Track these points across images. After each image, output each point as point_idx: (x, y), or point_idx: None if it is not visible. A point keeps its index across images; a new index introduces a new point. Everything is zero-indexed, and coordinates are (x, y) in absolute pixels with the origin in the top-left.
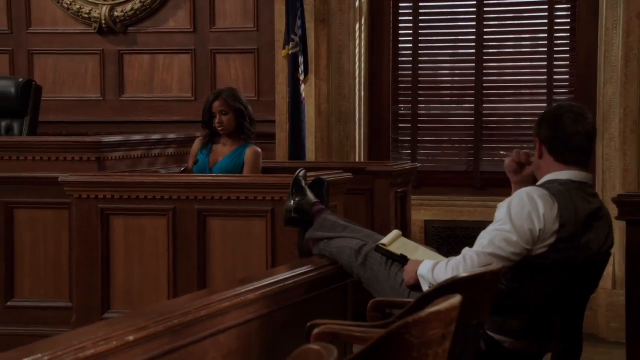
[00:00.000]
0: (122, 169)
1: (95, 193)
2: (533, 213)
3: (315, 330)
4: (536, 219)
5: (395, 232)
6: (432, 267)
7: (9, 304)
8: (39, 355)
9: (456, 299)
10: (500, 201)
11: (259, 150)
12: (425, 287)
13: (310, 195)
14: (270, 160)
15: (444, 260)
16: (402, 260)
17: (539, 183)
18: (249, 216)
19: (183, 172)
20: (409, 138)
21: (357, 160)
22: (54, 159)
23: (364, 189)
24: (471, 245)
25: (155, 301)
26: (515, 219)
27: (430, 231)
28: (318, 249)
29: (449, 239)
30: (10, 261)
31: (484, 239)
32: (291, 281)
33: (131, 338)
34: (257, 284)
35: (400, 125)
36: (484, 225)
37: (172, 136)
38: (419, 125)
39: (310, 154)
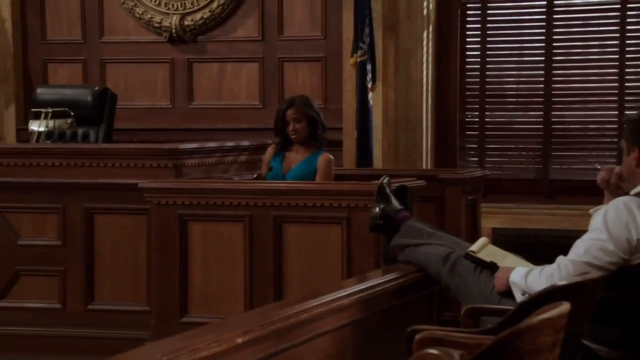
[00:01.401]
0: (197, 176)
1: (174, 199)
2: (630, 222)
3: (418, 336)
4: (633, 228)
5: (483, 239)
6: (524, 275)
7: (89, 307)
8: (158, 356)
9: (565, 306)
10: (570, 209)
11: (332, 157)
12: (517, 295)
13: (395, 202)
14: (337, 167)
15: (536, 268)
16: (492, 267)
17: (633, 192)
18: (324, 223)
19: (256, 179)
20: (476, 145)
21: (424, 167)
22: (132, 166)
23: (434, 197)
24: (543, 254)
25: (231, 306)
26: (612, 228)
27: (498, 239)
28: (404, 256)
29: (517, 247)
30: (90, 265)
31: (579, 248)
32: (382, 287)
33: (239, 340)
34: (350, 290)
35: (467, 132)
36: (552, 233)
37: (244, 143)
38: (486, 132)
39: (377, 161)
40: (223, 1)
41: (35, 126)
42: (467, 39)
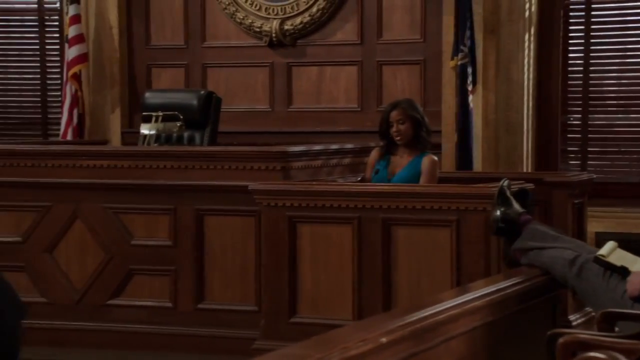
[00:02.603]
0: (303, 178)
1: (283, 201)
2: None
3: (561, 339)
4: None
5: (611, 243)
6: None
7: (199, 306)
8: (319, 354)
9: None
10: None
11: (436, 159)
12: None
13: (516, 205)
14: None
15: None
16: (623, 271)
17: None
18: (433, 225)
19: (360, 181)
20: (578, 148)
21: (525, 170)
22: (241, 168)
23: (539, 200)
24: None
25: (340, 308)
26: None
27: (602, 244)
28: (527, 259)
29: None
30: (201, 265)
31: None
32: (511, 290)
33: (384, 340)
34: (482, 292)
35: (569, 135)
36: None
37: (348, 146)
38: (588, 135)
39: (477, 164)
40: (323, 5)
41: (146, 129)
42: (570, 40)
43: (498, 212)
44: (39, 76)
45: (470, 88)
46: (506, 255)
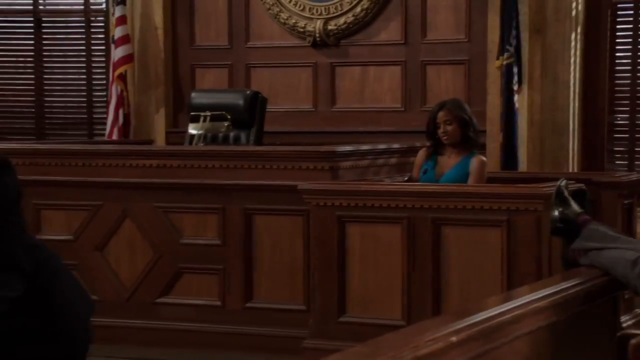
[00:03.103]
0: (351, 178)
1: (332, 201)
2: None
3: (633, 341)
4: None
5: None
6: None
7: (247, 305)
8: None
9: None
10: None
11: (485, 159)
12: None
13: (575, 206)
14: None
15: None
16: None
17: None
18: (484, 226)
19: (407, 181)
20: (625, 148)
21: (570, 171)
22: (290, 168)
23: None
24: None
25: (389, 308)
26: None
27: None
28: (587, 260)
29: None
30: (249, 264)
31: None
32: (574, 290)
33: (454, 339)
34: (544, 292)
35: (616, 135)
36: None
37: (395, 146)
38: (636, 135)
39: (522, 164)
40: (367, 5)
41: (194, 129)
42: (617, 39)
43: (556, 212)
44: (84, 76)
45: (515, 88)
46: (564, 256)
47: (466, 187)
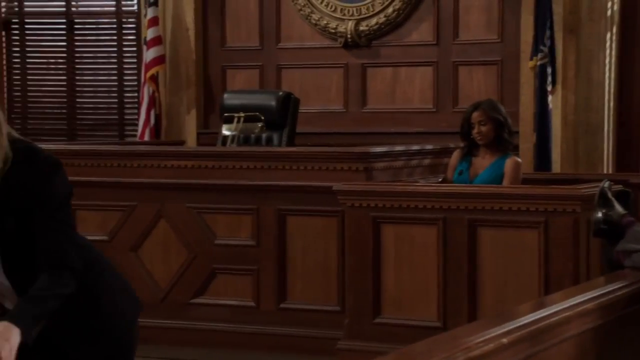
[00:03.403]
0: (385, 179)
1: (367, 202)
2: None
3: None
4: None
5: None
6: None
7: (281, 305)
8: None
9: None
10: None
11: (519, 160)
12: None
13: (618, 207)
14: None
15: None
16: None
17: None
18: (520, 227)
19: (441, 182)
20: None
21: (605, 171)
22: (324, 169)
23: None
24: None
25: (425, 309)
26: None
27: None
28: (631, 262)
29: None
30: (283, 265)
31: None
32: (620, 292)
33: (505, 341)
34: (592, 294)
35: None
36: None
37: (429, 147)
38: None
39: (555, 165)
40: (398, 6)
41: (227, 130)
42: None
43: (600, 214)
44: (115, 78)
45: (549, 88)
46: (608, 258)
47: (503, 188)
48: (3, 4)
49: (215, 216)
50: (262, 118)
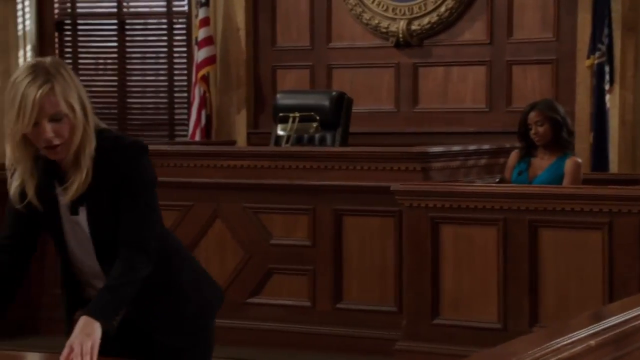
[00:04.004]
0: (441, 179)
1: (426, 202)
2: None
3: None
4: None
5: None
6: None
7: (337, 305)
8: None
9: None
10: None
11: (580, 160)
12: None
13: None
14: None
15: None
16: None
17: None
18: (583, 228)
19: (499, 183)
20: None
21: None
22: (380, 169)
23: None
24: None
25: (484, 311)
26: None
27: None
28: None
29: None
30: (339, 265)
31: None
32: None
33: (592, 343)
34: None
35: None
36: None
37: (485, 147)
38: None
39: (613, 165)
40: (451, 5)
41: (282, 130)
42: None
43: None
44: (165, 78)
45: (607, 87)
46: None
47: (565, 189)
48: (56, 5)
49: (271, 216)
50: (317, 118)
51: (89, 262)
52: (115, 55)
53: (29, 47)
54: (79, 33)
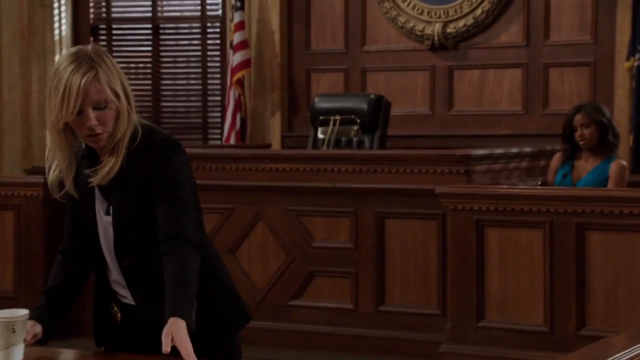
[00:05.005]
0: (484, 182)
1: (470, 204)
2: None
3: None
4: None
5: None
6: None
7: (380, 308)
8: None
9: None
10: None
11: (625, 163)
12: None
13: None
14: None
15: None
16: None
17: None
18: (632, 231)
19: (542, 185)
20: None
21: None
22: (423, 172)
23: None
24: None
25: (530, 314)
26: None
27: None
28: None
29: None
30: (381, 268)
31: None
32: None
33: None
34: None
35: None
36: None
37: (527, 149)
38: None
39: None
40: (487, 8)
41: (323, 133)
42: None
43: None
44: (200, 81)
45: None
46: None
47: (612, 191)
48: (91, 10)
49: (313, 219)
50: (358, 121)
51: (113, 268)
52: (150, 59)
53: (64, 52)
54: (114, 37)
